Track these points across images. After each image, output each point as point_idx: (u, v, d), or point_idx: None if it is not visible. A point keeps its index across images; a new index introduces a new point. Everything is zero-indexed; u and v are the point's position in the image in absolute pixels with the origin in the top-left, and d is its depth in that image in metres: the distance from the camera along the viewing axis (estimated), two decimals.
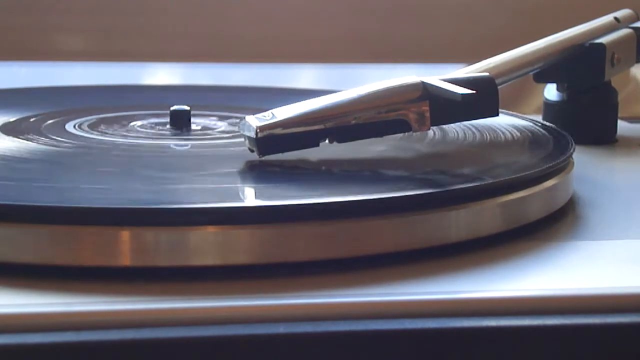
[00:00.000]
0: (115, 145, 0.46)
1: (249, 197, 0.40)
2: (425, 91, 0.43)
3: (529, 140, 0.50)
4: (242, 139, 0.43)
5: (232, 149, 0.45)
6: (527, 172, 0.41)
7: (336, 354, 0.32)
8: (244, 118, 0.43)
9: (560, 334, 0.33)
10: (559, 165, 0.43)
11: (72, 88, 0.69)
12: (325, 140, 0.43)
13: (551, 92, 0.59)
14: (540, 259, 0.38)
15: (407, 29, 0.84)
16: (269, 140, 0.42)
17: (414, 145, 0.47)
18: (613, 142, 0.59)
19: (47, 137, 0.47)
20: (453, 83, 0.43)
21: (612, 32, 0.58)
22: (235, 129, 0.49)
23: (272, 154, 0.42)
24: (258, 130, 0.42)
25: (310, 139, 0.42)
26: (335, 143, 0.43)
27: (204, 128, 0.51)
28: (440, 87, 0.43)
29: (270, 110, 0.43)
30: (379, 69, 0.83)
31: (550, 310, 0.33)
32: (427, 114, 0.43)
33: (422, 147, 0.47)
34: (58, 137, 0.48)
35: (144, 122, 0.52)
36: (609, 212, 0.44)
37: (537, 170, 0.42)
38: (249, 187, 0.41)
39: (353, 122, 0.42)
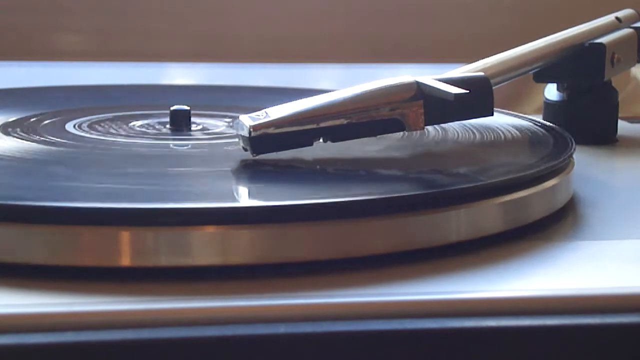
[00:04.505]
0: (115, 145, 0.46)
1: (250, 197, 0.40)
2: (419, 91, 0.43)
3: (529, 140, 0.50)
4: None
5: (232, 148, 0.45)
6: (527, 172, 0.41)
7: (336, 354, 0.32)
8: (238, 117, 0.43)
9: (560, 334, 0.33)
10: (560, 165, 0.43)
11: (72, 88, 0.69)
12: (319, 139, 0.43)
13: (551, 92, 0.59)
14: (541, 259, 0.38)
15: (407, 29, 0.84)
16: (262, 140, 0.42)
17: (414, 145, 0.47)
18: (613, 142, 0.59)
19: (46, 137, 0.47)
20: (448, 83, 0.43)
21: (613, 31, 0.58)
22: None
23: (266, 153, 0.42)
24: (251, 130, 0.42)
25: (304, 138, 0.42)
26: (330, 142, 0.43)
27: (204, 128, 0.51)
28: (433, 87, 0.43)
29: (264, 110, 0.43)
30: (379, 68, 0.83)
31: (550, 310, 0.33)
32: (421, 114, 0.43)
33: (422, 147, 0.47)
34: (58, 137, 0.48)
35: (144, 122, 0.52)
36: (609, 212, 0.44)
37: (537, 170, 0.42)
38: (249, 187, 0.41)
39: (347, 121, 0.43)
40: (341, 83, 0.52)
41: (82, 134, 0.49)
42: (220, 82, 0.76)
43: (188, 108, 0.51)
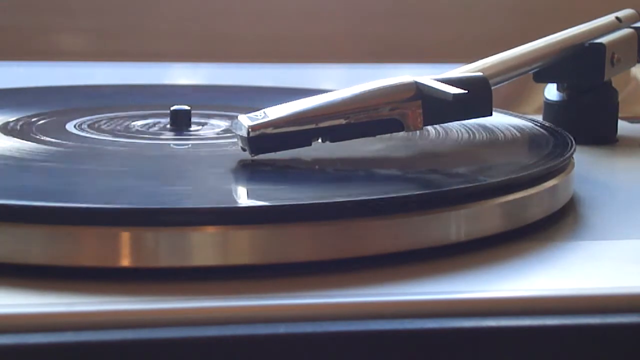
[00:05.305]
0: (115, 145, 0.46)
1: (249, 197, 0.40)
2: (418, 91, 0.43)
3: (529, 140, 0.50)
4: None
5: (232, 148, 0.45)
6: (527, 172, 0.41)
7: (336, 354, 0.32)
8: (237, 117, 0.43)
9: (560, 334, 0.33)
10: (560, 166, 0.43)
11: (72, 88, 0.69)
12: (317, 139, 0.43)
13: (551, 92, 0.59)
14: (540, 259, 0.38)
15: (407, 29, 0.84)
16: (261, 140, 0.42)
17: (414, 145, 0.47)
18: (613, 142, 0.59)
19: (47, 137, 0.47)
20: (446, 83, 0.43)
21: (613, 31, 0.58)
22: None
23: (265, 153, 0.42)
24: (250, 130, 0.42)
25: (303, 139, 0.42)
26: (329, 143, 0.43)
27: (205, 128, 0.51)
28: (432, 87, 0.43)
29: (263, 110, 0.43)
30: (379, 69, 0.83)
31: (550, 310, 0.33)
32: (420, 114, 0.43)
33: (421, 147, 0.47)
34: (58, 137, 0.48)
35: (145, 122, 0.52)
36: (609, 212, 0.44)
37: (537, 170, 0.42)
38: (248, 187, 0.41)
39: (345, 121, 0.43)
40: (341, 83, 0.52)
41: (82, 133, 0.49)
42: (220, 82, 0.76)
43: (188, 108, 0.51)
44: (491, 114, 0.45)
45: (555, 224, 0.42)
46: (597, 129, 0.58)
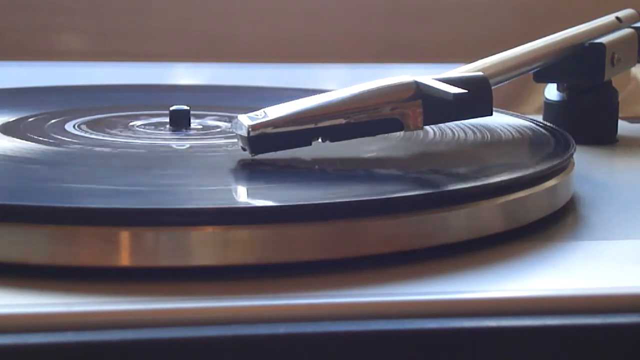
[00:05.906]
0: (115, 145, 0.46)
1: (249, 197, 0.40)
2: (418, 90, 0.43)
3: (529, 140, 0.50)
4: None
5: (232, 148, 0.45)
6: (527, 172, 0.41)
7: (336, 354, 0.32)
8: (237, 117, 0.43)
9: (560, 334, 0.33)
10: (560, 166, 0.43)
11: (72, 88, 0.69)
12: (318, 139, 0.43)
13: (551, 92, 0.59)
14: (540, 259, 0.38)
15: (407, 29, 0.84)
16: (261, 139, 0.42)
17: (414, 145, 0.47)
18: (613, 142, 0.59)
19: (47, 137, 0.47)
20: (447, 82, 0.43)
21: (613, 31, 0.58)
22: None
23: (265, 153, 0.42)
24: (250, 129, 0.42)
25: (303, 138, 0.42)
26: (329, 142, 0.43)
27: (204, 128, 0.51)
28: (432, 87, 0.43)
29: (263, 109, 0.43)
30: (380, 69, 0.83)
31: (550, 310, 0.33)
32: (420, 113, 0.43)
33: (421, 147, 0.47)
34: (58, 137, 0.48)
35: (144, 122, 0.52)
36: (609, 212, 0.44)
37: (537, 170, 0.42)
38: (248, 187, 0.41)
39: (345, 121, 0.43)
40: (342, 83, 0.52)
41: (82, 133, 0.49)
42: (221, 82, 0.76)
43: (187, 108, 0.51)
44: (491, 114, 0.45)
45: (555, 224, 0.42)
46: (597, 129, 0.58)
